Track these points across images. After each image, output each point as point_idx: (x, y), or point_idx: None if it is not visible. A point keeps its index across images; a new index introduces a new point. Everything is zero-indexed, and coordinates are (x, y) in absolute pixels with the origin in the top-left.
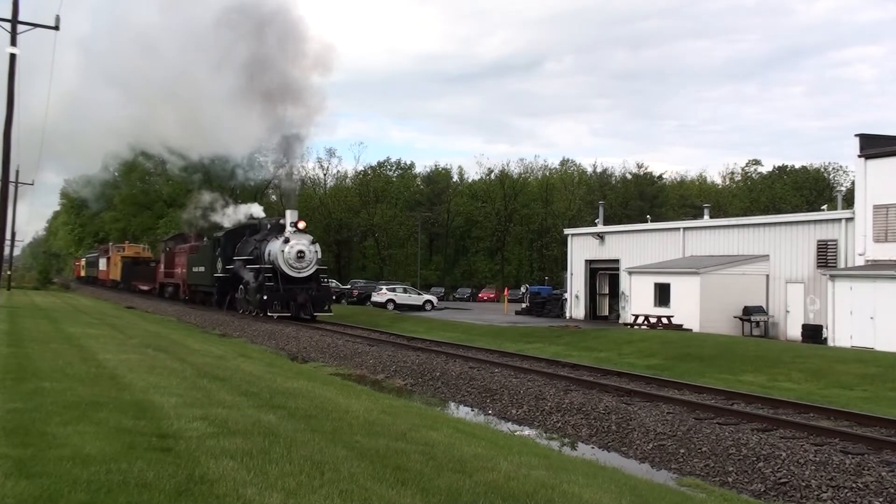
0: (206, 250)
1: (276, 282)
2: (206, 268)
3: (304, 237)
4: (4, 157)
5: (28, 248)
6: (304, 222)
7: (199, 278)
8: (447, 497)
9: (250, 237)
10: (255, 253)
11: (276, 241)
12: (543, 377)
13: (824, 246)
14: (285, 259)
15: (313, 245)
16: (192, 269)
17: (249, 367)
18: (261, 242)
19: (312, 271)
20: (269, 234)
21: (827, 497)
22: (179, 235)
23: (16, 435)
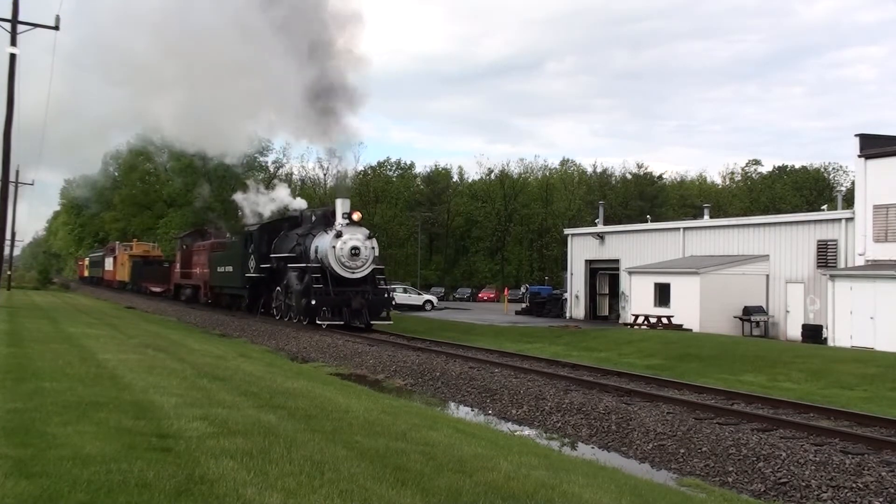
0: (234, 247)
1: (325, 284)
2: (235, 267)
3: (359, 231)
4: (4, 157)
5: (28, 248)
6: (359, 213)
7: (226, 279)
8: (447, 497)
9: (289, 231)
10: (299, 250)
11: (326, 236)
12: (543, 377)
13: (824, 246)
14: (336, 257)
15: (369, 240)
16: (217, 268)
17: (249, 367)
18: (304, 237)
19: (368, 271)
20: (315, 228)
21: (827, 497)
22: (197, 231)
23: (16, 435)
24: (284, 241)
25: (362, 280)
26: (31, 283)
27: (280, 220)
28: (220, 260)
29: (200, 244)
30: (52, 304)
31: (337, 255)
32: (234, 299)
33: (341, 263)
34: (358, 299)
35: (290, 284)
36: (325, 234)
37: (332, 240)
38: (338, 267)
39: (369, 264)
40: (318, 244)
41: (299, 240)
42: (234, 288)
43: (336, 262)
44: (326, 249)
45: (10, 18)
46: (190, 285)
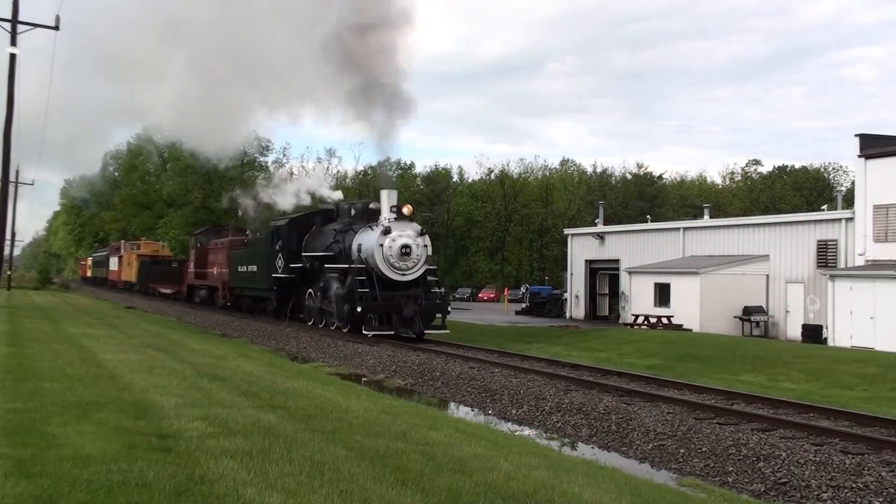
0: (258, 245)
1: (371, 287)
2: (260, 267)
3: (410, 226)
4: (4, 157)
5: (28, 248)
6: (410, 206)
7: (249, 280)
8: (447, 497)
9: (323, 227)
10: (337, 248)
11: (371, 233)
12: (543, 377)
13: (824, 246)
14: (384, 256)
15: (421, 237)
16: (237, 268)
17: (249, 367)
18: (343, 234)
19: (420, 273)
20: (356, 223)
21: (827, 497)
22: (211, 229)
23: (16, 435)
24: (318, 237)
25: (412, 283)
26: (31, 283)
27: (312, 213)
28: (241, 259)
29: (217, 242)
30: (53, 304)
31: (385, 255)
32: (256, 302)
33: (389, 264)
34: (410, 305)
35: (329, 287)
36: (369, 231)
37: (379, 237)
38: (385, 268)
39: (421, 265)
40: (362, 242)
41: (337, 236)
42: (258, 290)
43: (384, 262)
44: (372, 248)
45: (9, 18)
46: (205, 286)
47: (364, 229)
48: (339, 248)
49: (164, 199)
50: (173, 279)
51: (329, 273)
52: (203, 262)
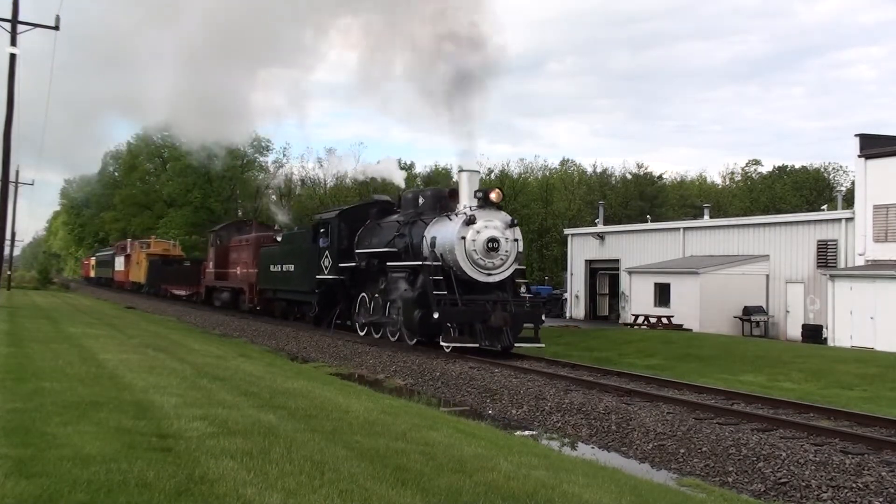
0: (297, 241)
1: (450, 290)
2: (299, 266)
3: (497, 216)
4: (4, 157)
5: (28, 248)
6: (499, 191)
7: (283, 281)
8: (447, 497)
9: (381, 219)
10: (402, 243)
11: (448, 224)
12: (543, 377)
13: (824, 246)
14: (467, 252)
15: (511, 229)
16: (269, 267)
17: (249, 367)
18: (409, 226)
19: (509, 272)
20: (426, 213)
21: (827, 497)
22: (233, 224)
23: (16, 435)
24: (375, 231)
25: (498, 285)
26: (31, 283)
27: (366, 204)
28: (274, 257)
29: (242, 238)
30: (53, 304)
31: (468, 251)
32: (292, 307)
33: (472, 261)
34: (499, 313)
35: (392, 290)
36: (446, 222)
37: (461, 228)
38: (468, 266)
39: (510, 263)
40: (437, 235)
41: (402, 229)
42: (295, 292)
43: (466, 259)
44: (451, 242)
45: (9, 18)
46: (227, 288)
47: (439, 220)
48: (404, 242)
49: (164, 199)
50: (188, 280)
51: (393, 273)
52: (224, 260)
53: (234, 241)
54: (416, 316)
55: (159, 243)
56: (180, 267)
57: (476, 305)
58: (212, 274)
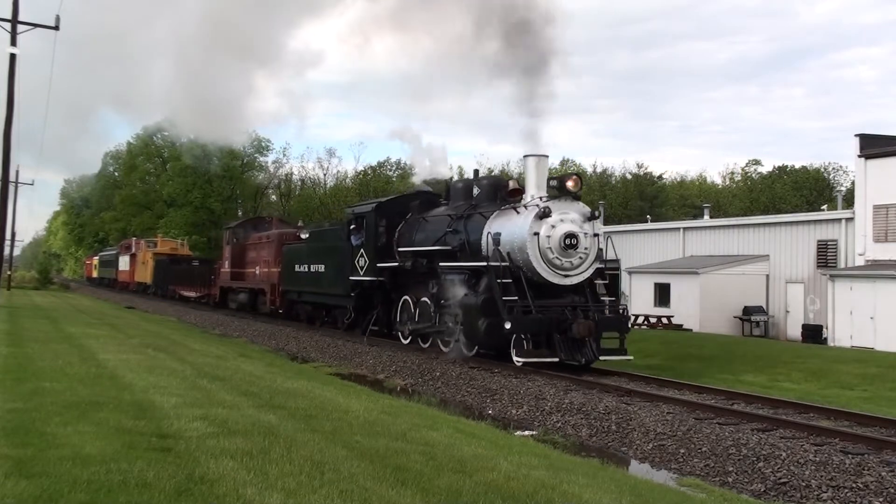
0: (328, 238)
1: (520, 295)
2: (330, 267)
3: (574, 207)
4: (4, 157)
5: (28, 248)
6: (577, 178)
7: (311, 283)
8: (447, 497)
9: (426, 212)
10: (456, 240)
11: (516, 217)
12: (543, 377)
13: (824, 246)
14: (541, 250)
15: (590, 222)
16: (295, 268)
17: (249, 367)
18: (464, 220)
19: (589, 273)
20: (482, 206)
21: (827, 497)
22: (249, 221)
23: (16, 435)
24: (418, 226)
25: (575, 288)
26: (31, 283)
27: (406, 196)
28: (299, 256)
29: (261, 235)
30: (53, 304)
31: (541, 248)
32: (319, 310)
33: (547, 261)
34: (581, 322)
35: (448, 295)
36: (512, 215)
37: (533, 223)
38: (542, 267)
39: (590, 262)
40: (501, 230)
41: (454, 224)
42: (326, 295)
43: (539, 258)
44: (522, 239)
45: (9, 18)
46: (245, 289)
47: (502, 213)
48: (459, 239)
49: (164, 200)
50: (199, 281)
51: (447, 275)
52: (241, 260)
53: (252, 239)
54: (482, 326)
55: (166, 242)
56: (189, 267)
57: (553, 313)
58: (227, 274)
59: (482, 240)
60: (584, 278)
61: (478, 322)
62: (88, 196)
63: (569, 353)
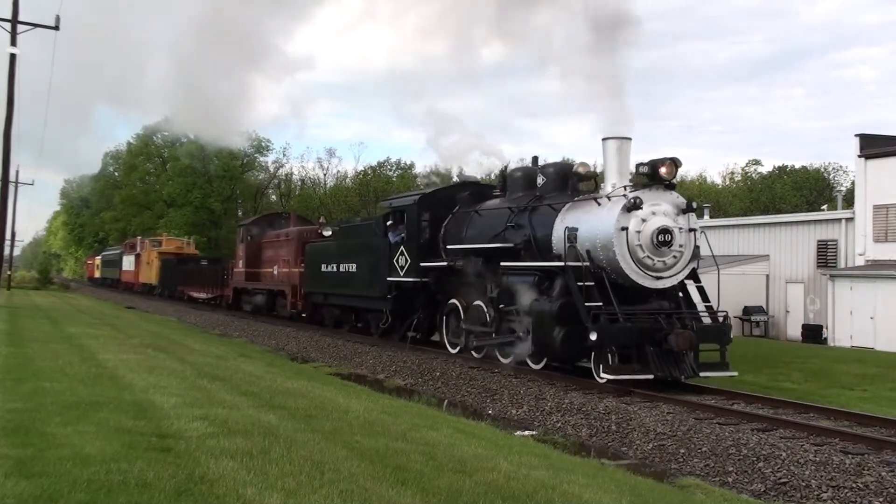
0: (360, 235)
1: (605, 299)
2: (363, 266)
3: (664, 197)
4: (4, 157)
5: (28, 248)
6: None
7: (340, 284)
8: (447, 497)
9: (474, 206)
10: (519, 235)
11: (597, 209)
12: (543, 377)
13: (824, 246)
14: (630, 248)
15: (685, 215)
16: (321, 267)
17: (249, 367)
18: (528, 213)
19: (684, 275)
20: (550, 197)
21: (827, 497)
22: (264, 218)
23: (16, 435)
24: (469, 221)
25: (663, 292)
26: (31, 283)
27: (452, 186)
28: (326, 254)
29: (280, 233)
30: (53, 304)
31: (631, 245)
32: (348, 314)
33: (636, 260)
34: (680, 332)
35: (513, 299)
36: (591, 207)
37: (620, 216)
38: (631, 267)
39: (686, 262)
40: (579, 225)
41: (516, 218)
42: (357, 297)
43: (628, 258)
44: (607, 234)
45: (9, 18)
46: (261, 291)
47: (578, 204)
48: (523, 235)
49: (164, 200)
50: (210, 281)
51: (511, 276)
52: (256, 259)
53: (268, 237)
54: (558, 335)
55: (171, 241)
56: (199, 266)
57: (643, 321)
58: (241, 274)
59: (552, 236)
60: (677, 280)
61: (552, 331)
62: (88, 196)
63: (664, 369)
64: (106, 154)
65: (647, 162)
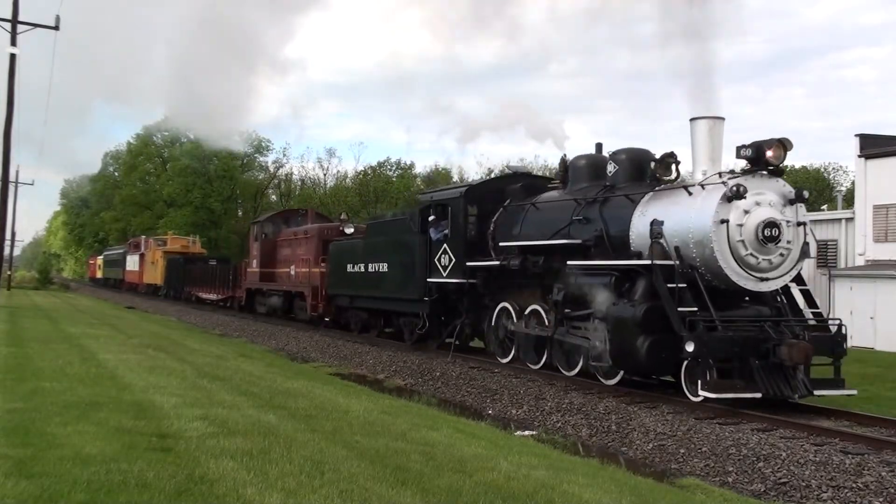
0: (391, 231)
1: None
2: (396, 265)
3: (768, 185)
4: (4, 157)
5: (28, 248)
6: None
7: (367, 285)
8: (447, 497)
9: (529, 199)
10: (591, 231)
11: (689, 200)
12: (543, 377)
13: (824, 246)
14: (731, 244)
15: (792, 206)
16: (347, 267)
17: (249, 367)
18: (598, 206)
19: (793, 275)
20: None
21: (827, 497)
22: (281, 213)
23: (16, 435)
24: (527, 215)
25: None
26: (31, 283)
27: (502, 178)
28: (353, 253)
29: (298, 230)
30: (53, 304)
31: (732, 242)
32: (376, 318)
33: (739, 259)
34: (794, 343)
35: (584, 303)
36: (679, 196)
37: (719, 207)
38: (731, 267)
39: (794, 261)
40: (664, 217)
41: (583, 211)
42: (390, 300)
43: (728, 255)
44: (701, 228)
45: (9, 18)
46: (277, 292)
47: (663, 194)
48: (593, 230)
49: (164, 200)
50: (221, 283)
51: (580, 277)
52: (271, 258)
53: (285, 234)
54: (643, 345)
55: (176, 239)
56: (207, 266)
57: (746, 329)
58: (255, 274)
59: (630, 230)
60: (784, 282)
61: (636, 340)
62: (87, 196)
63: (773, 386)
64: (106, 154)
65: (750, 144)
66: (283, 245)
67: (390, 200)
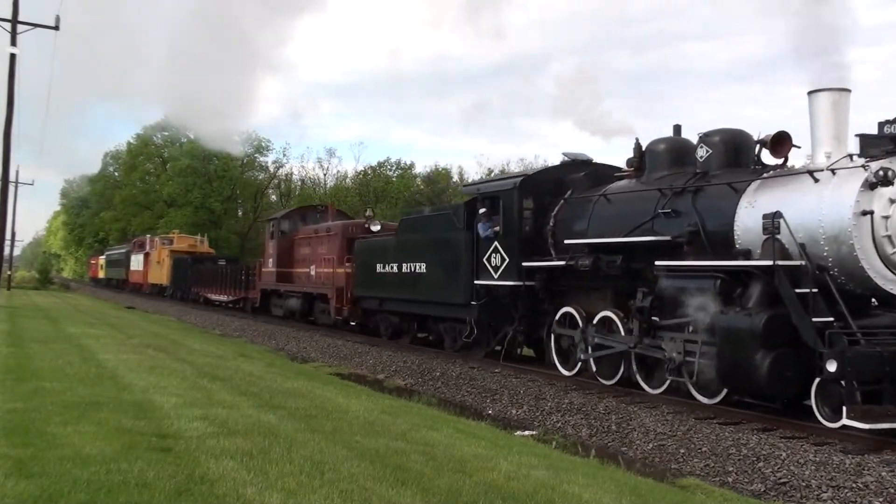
0: (429, 228)
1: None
2: (435, 266)
3: None
4: (4, 157)
5: (28, 248)
6: None
7: (401, 287)
8: (447, 497)
9: (599, 188)
10: (682, 226)
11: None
12: (543, 377)
13: None
14: (877, 241)
15: None
16: (376, 268)
17: (249, 367)
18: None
19: None
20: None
21: (827, 497)
22: (299, 210)
23: (16, 435)
24: (595, 208)
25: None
26: (31, 283)
27: (561, 167)
28: (384, 252)
29: (317, 228)
30: (53, 304)
31: (877, 238)
32: (409, 323)
33: (885, 258)
34: None
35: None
36: (802, 183)
37: (860, 196)
38: (875, 268)
39: None
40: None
41: (669, 202)
42: (429, 304)
43: (872, 254)
44: (836, 221)
45: (9, 18)
46: (296, 293)
47: (777, 181)
48: (685, 224)
49: (164, 200)
50: (230, 283)
51: (674, 280)
52: (289, 257)
53: (303, 232)
54: (763, 363)
55: (183, 238)
56: (217, 266)
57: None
58: (271, 274)
59: (734, 224)
60: None
61: (754, 356)
62: (87, 196)
63: None
64: (106, 154)
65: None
66: (301, 244)
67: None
